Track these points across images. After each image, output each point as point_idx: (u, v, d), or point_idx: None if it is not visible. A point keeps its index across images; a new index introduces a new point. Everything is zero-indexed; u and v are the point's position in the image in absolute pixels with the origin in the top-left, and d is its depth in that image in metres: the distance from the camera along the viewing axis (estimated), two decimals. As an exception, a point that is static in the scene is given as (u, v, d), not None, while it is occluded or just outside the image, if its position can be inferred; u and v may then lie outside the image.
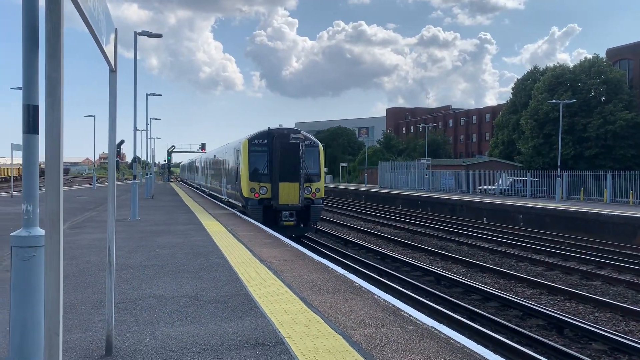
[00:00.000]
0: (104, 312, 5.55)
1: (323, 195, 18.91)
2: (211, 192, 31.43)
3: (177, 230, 14.38)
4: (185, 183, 66.74)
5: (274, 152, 17.78)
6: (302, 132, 18.66)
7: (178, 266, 8.91)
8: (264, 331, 5.28)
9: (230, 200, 22.73)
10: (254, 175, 18.21)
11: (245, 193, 18.30)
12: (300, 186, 17.57)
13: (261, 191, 18.07)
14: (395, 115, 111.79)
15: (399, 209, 36.56)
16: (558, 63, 53.54)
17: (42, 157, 3.08)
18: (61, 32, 2.36)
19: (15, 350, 3.00)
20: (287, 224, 17.74)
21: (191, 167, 56.97)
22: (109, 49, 4.07)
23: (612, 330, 8.76)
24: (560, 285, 12.35)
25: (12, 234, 3.02)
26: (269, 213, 17.89)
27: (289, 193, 17.68)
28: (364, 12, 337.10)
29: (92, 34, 3.26)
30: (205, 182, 35.68)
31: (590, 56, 49.69)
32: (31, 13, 2.85)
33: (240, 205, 20.21)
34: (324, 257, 11.52)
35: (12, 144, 27.25)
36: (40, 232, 2.99)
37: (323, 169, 19.17)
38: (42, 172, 18.40)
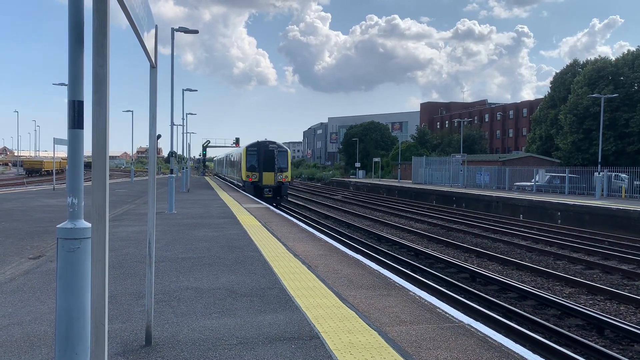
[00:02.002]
0: (143, 303, 5.68)
1: (290, 180, 32.76)
2: (231, 180, 45.72)
3: (213, 223, 14.59)
4: (217, 176, 68.73)
5: (260, 154, 31.26)
6: (276, 142, 32.18)
7: (214, 259, 9.04)
8: (299, 325, 5.31)
9: (238, 183, 36.15)
10: (249, 168, 31.36)
11: (244, 178, 31.76)
12: (275, 174, 31.04)
13: (253, 177, 31.15)
14: (429, 110, 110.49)
15: (432, 205, 36.17)
16: (599, 56, 51.99)
17: (84, 151, 3.17)
18: (107, 29, 2.41)
19: (61, 338, 3.08)
20: (267, 196, 30.45)
21: (219, 162, 73.67)
22: (150, 45, 4.14)
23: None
24: (600, 284, 12.03)
25: (58, 226, 3.10)
26: (257, 189, 30.80)
27: (268, 178, 31.02)
28: (397, 5, 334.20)
29: (135, 30, 3.32)
30: (225, 173, 54.32)
31: (633, 49, 48.12)
32: (77, 11, 2.92)
33: (241, 185, 33.63)
34: (357, 253, 11.49)
35: (54, 138, 27.93)
36: (85, 224, 3.06)
37: (290, 165, 32.62)
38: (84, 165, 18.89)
